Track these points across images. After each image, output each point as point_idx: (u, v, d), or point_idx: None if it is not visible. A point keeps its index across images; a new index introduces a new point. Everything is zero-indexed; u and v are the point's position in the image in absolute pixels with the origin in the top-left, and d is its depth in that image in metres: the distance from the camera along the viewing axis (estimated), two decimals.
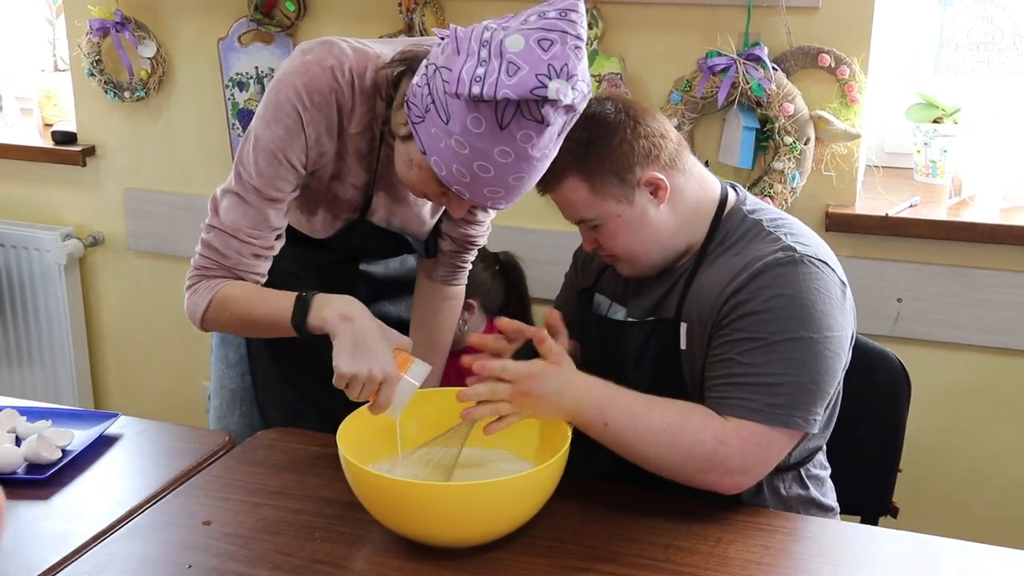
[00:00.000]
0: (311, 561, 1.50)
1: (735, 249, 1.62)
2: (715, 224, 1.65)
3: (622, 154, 1.56)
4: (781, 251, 1.56)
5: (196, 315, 1.75)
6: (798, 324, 1.52)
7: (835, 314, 1.55)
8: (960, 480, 2.61)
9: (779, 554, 1.51)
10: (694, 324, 1.62)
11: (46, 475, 1.72)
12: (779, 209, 1.71)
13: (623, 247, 1.63)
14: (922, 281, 2.50)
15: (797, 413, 1.53)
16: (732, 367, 1.54)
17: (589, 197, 1.58)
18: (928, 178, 2.60)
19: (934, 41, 2.45)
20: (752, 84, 2.41)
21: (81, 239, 3.28)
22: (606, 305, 1.78)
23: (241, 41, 2.91)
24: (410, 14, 2.70)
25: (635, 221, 1.60)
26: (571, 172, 1.57)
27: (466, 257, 2.00)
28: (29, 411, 1.91)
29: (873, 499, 1.93)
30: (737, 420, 1.52)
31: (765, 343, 1.52)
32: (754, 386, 1.52)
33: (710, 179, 1.68)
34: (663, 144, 1.59)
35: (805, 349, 1.52)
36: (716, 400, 1.55)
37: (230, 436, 1.90)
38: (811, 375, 1.53)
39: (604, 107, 1.59)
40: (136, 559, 1.53)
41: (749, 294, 1.54)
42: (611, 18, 2.58)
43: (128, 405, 3.37)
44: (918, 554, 1.57)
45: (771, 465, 1.57)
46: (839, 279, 1.59)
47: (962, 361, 2.54)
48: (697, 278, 1.63)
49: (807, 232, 1.64)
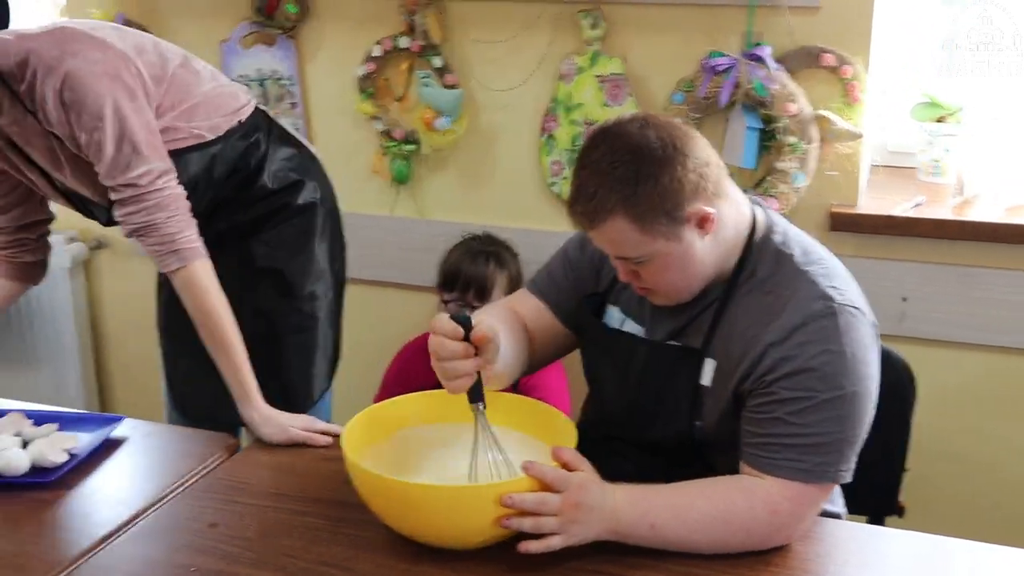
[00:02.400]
0: (317, 563, 1.50)
1: (767, 286, 1.57)
2: (746, 251, 1.60)
3: (672, 192, 1.48)
4: (820, 300, 1.52)
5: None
6: (844, 379, 1.49)
7: (873, 361, 1.54)
8: (967, 479, 2.61)
9: (786, 554, 1.51)
10: (722, 364, 1.58)
11: (52, 478, 1.73)
12: (803, 233, 1.66)
13: (667, 283, 1.57)
14: (927, 280, 2.50)
15: (843, 467, 1.52)
16: (780, 427, 1.50)
17: (638, 237, 1.50)
18: (932, 177, 2.59)
19: (937, 40, 2.44)
20: (755, 84, 2.41)
21: (85, 242, 3.29)
22: (619, 319, 1.73)
23: (243, 43, 2.91)
24: (412, 16, 2.70)
25: (682, 257, 1.53)
26: (618, 212, 1.48)
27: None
28: (35, 414, 1.92)
29: (880, 499, 1.93)
30: (784, 481, 1.50)
31: (814, 403, 1.49)
32: (805, 447, 1.49)
33: (742, 199, 1.62)
34: (708, 174, 1.51)
35: (851, 403, 1.50)
36: (764, 460, 1.51)
37: (234, 439, 1.90)
38: (854, 428, 1.51)
39: (648, 138, 1.48)
40: (142, 562, 1.53)
41: (792, 350, 1.50)
42: (614, 19, 2.58)
43: (133, 408, 3.36)
44: (925, 554, 1.57)
45: (816, 514, 1.56)
46: (871, 320, 1.57)
47: (967, 360, 2.54)
48: (727, 313, 1.59)
49: (836, 267, 1.60)
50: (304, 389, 2.18)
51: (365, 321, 2.98)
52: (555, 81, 2.66)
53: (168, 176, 1.82)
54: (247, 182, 2.05)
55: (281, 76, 2.91)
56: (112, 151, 1.76)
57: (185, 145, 1.90)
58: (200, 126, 1.94)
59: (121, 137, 1.76)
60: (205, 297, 1.85)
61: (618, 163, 1.48)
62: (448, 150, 2.81)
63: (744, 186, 2.54)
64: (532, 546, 1.45)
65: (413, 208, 2.91)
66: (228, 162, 2.00)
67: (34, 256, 2.07)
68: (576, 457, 1.51)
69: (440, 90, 2.72)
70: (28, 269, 2.09)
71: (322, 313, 2.18)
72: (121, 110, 1.76)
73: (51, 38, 1.77)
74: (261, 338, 2.06)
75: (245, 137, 2.02)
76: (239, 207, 2.05)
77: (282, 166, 2.10)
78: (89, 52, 1.77)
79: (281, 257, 2.10)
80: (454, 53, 2.74)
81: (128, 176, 1.78)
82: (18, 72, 1.76)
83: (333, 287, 2.21)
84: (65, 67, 1.74)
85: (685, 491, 1.51)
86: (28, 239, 2.05)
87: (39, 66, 1.74)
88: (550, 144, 2.71)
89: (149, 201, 1.80)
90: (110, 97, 1.75)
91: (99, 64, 1.76)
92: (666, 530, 1.48)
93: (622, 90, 2.59)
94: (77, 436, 1.84)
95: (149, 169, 1.79)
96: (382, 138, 2.84)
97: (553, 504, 1.45)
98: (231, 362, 1.88)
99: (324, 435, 1.86)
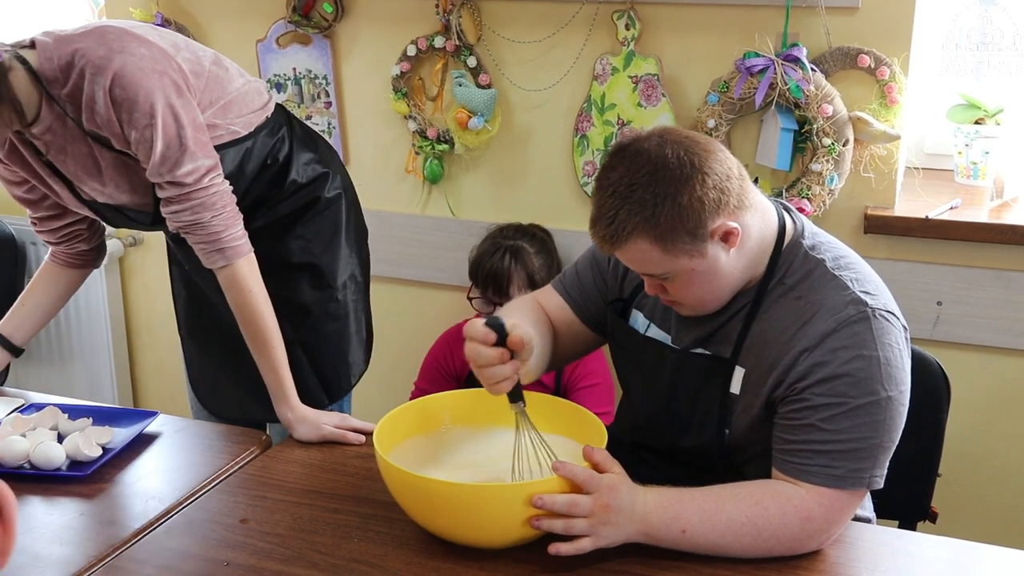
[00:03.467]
0: (348, 560, 1.51)
1: (797, 291, 1.56)
2: (774, 258, 1.58)
3: (692, 211, 1.47)
4: (852, 305, 1.51)
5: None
6: (878, 385, 1.48)
7: (905, 366, 1.53)
8: (1000, 485, 2.58)
9: (816, 558, 1.50)
10: (752, 372, 1.57)
11: (87, 472, 1.75)
12: (834, 238, 1.64)
13: (693, 297, 1.57)
14: (962, 284, 2.48)
15: (877, 473, 1.51)
16: (814, 433, 1.49)
17: (661, 257, 1.50)
18: (969, 180, 2.57)
19: (973, 41, 2.43)
20: (790, 85, 2.39)
21: (121, 239, 3.32)
22: (643, 323, 1.73)
23: (279, 43, 2.93)
24: (447, 15, 2.71)
25: (707, 271, 1.52)
26: (639, 234, 1.48)
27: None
28: (70, 408, 1.94)
29: (912, 504, 1.91)
30: (817, 488, 1.49)
31: (848, 408, 1.48)
32: (838, 453, 1.48)
33: (768, 207, 1.60)
34: (730, 188, 1.49)
35: (885, 409, 1.49)
36: (796, 466, 1.51)
37: (266, 435, 1.92)
38: (889, 433, 1.50)
39: (665, 156, 1.47)
40: (175, 556, 1.55)
41: (825, 355, 1.49)
42: (648, 19, 2.58)
43: (166, 403, 3.39)
44: (957, 560, 1.56)
45: (849, 520, 1.55)
46: (902, 324, 1.55)
47: (1002, 365, 2.51)
48: (757, 320, 1.58)
49: (868, 272, 1.59)
50: (343, 376, 2.20)
51: (395, 319, 2.99)
52: (589, 81, 2.66)
53: (214, 173, 1.83)
54: (278, 177, 2.06)
55: (316, 75, 2.92)
56: (162, 147, 1.76)
57: (222, 141, 1.91)
58: (235, 122, 1.95)
59: (172, 133, 1.77)
60: (248, 296, 1.87)
61: (636, 185, 1.47)
62: (481, 150, 2.82)
63: (778, 187, 2.53)
64: (563, 548, 1.45)
65: (445, 207, 2.91)
66: (259, 157, 2.01)
67: (90, 244, 2.08)
68: (607, 458, 1.51)
69: (474, 90, 2.73)
70: (87, 255, 2.10)
71: (353, 300, 2.20)
72: (172, 106, 1.77)
73: (95, 38, 1.77)
74: (300, 332, 2.08)
75: (272, 133, 2.03)
76: (273, 203, 2.06)
77: (308, 159, 2.11)
78: (135, 49, 1.77)
79: (315, 250, 2.11)
80: (488, 53, 2.74)
81: (175, 174, 1.78)
82: (62, 75, 1.75)
83: (361, 273, 2.23)
84: (115, 65, 1.73)
85: (716, 496, 1.50)
86: (80, 230, 2.06)
87: (86, 66, 1.74)
88: (583, 144, 2.71)
89: (195, 200, 1.81)
90: (161, 93, 1.76)
91: (146, 60, 1.77)
92: (696, 535, 1.48)
93: (656, 90, 2.58)
94: (112, 431, 1.86)
95: (196, 166, 1.80)
96: (415, 137, 2.85)
97: (584, 506, 1.45)
98: (270, 361, 1.90)
99: (357, 433, 1.87)
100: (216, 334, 2.14)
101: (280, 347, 1.90)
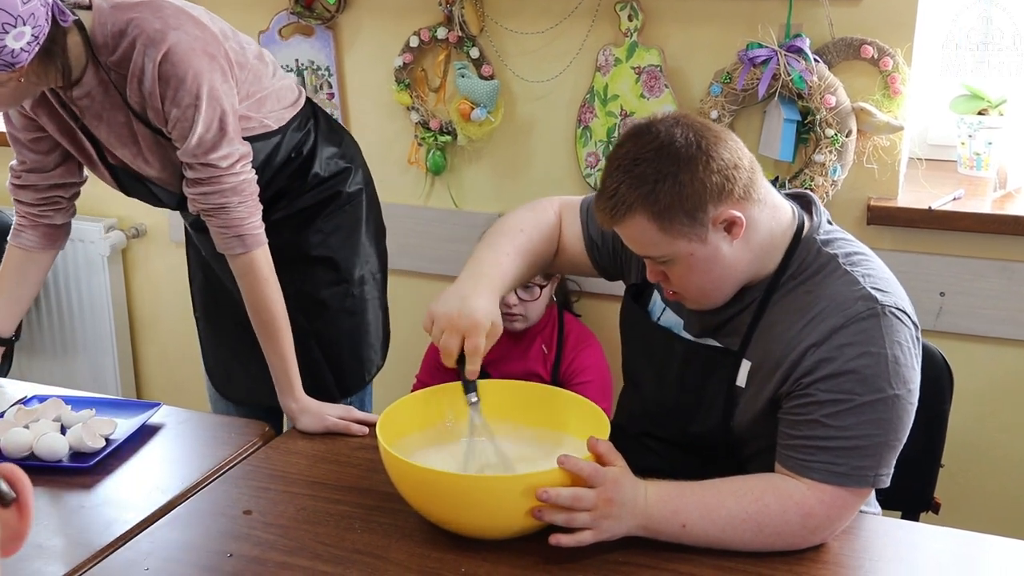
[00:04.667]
0: (351, 551, 1.51)
1: (807, 285, 1.55)
2: (788, 254, 1.57)
3: (693, 192, 1.46)
4: (861, 301, 1.49)
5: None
6: (885, 383, 1.47)
7: (915, 365, 1.52)
8: (1003, 476, 2.58)
9: (818, 549, 1.50)
10: (759, 365, 1.56)
11: (90, 463, 1.75)
12: (852, 236, 1.63)
13: (695, 286, 1.55)
14: (965, 275, 2.48)
15: (882, 472, 1.50)
16: (818, 429, 1.48)
17: (658, 236, 1.49)
18: (972, 171, 2.57)
19: (973, 41, 2.43)
20: (793, 76, 2.39)
21: (124, 231, 3.32)
22: (659, 309, 1.72)
23: (282, 34, 2.92)
24: (449, 6, 2.70)
25: (708, 260, 1.51)
26: (638, 210, 1.48)
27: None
28: (74, 400, 1.94)
29: (915, 494, 1.91)
30: (818, 484, 1.48)
31: (853, 405, 1.47)
32: (842, 450, 1.47)
33: (781, 203, 1.58)
34: (736, 176, 1.48)
35: (891, 407, 1.48)
36: (799, 462, 1.50)
37: (270, 427, 1.92)
38: (895, 432, 1.49)
39: (674, 136, 1.47)
40: (178, 547, 1.55)
41: (831, 351, 1.48)
42: (651, 10, 2.57)
43: (169, 395, 3.40)
44: (960, 550, 1.56)
45: (852, 518, 1.55)
46: (914, 323, 1.54)
47: (1005, 356, 2.51)
48: (766, 314, 1.57)
49: (882, 268, 1.57)
50: (358, 371, 2.21)
51: (398, 311, 2.98)
52: (592, 72, 2.66)
53: (246, 160, 1.84)
54: (301, 171, 2.06)
55: (319, 66, 2.92)
56: (202, 130, 1.76)
57: (253, 134, 1.92)
58: (268, 116, 1.96)
59: (213, 117, 1.77)
60: (262, 286, 1.87)
61: (641, 160, 1.47)
62: (484, 141, 2.81)
63: (781, 178, 2.53)
64: (564, 540, 1.45)
65: (448, 199, 2.91)
66: (285, 151, 2.02)
67: (63, 218, 2.05)
68: (610, 450, 1.51)
69: (477, 81, 2.72)
70: (55, 233, 2.05)
71: (371, 295, 2.20)
72: (216, 90, 1.77)
73: (152, 10, 1.76)
74: (315, 324, 2.09)
75: (300, 128, 2.04)
76: (295, 196, 2.06)
77: (332, 154, 2.11)
78: (191, 28, 1.77)
79: (334, 244, 2.12)
80: (491, 44, 2.74)
81: (210, 157, 1.79)
82: (112, 42, 1.75)
83: (380, 269, 2.24)
84: (169, 40, 1.73)
85: (717, 490, 1.50)
86: (61, 198, 2.03)
87: (139, 36, 1.73)
88: (586, 135, 2.70)
89: (225, 184, 1.81)
90: (208, 75, 1.76)
91: (199, 42, 1.77)
92: (696, 529, 1.48)
93: (659, 82, 2.58)
94: (115, 422, 1.86)
95: (230, 152, 1.80)
96: (418, 128, 2.85)
97: (588, 500, 1.45)
98: (278, 351, 1.90)
99: (361, 424, 1.87)
100: (231, 320, 2.13)
101: (288, 338, 1.91)
